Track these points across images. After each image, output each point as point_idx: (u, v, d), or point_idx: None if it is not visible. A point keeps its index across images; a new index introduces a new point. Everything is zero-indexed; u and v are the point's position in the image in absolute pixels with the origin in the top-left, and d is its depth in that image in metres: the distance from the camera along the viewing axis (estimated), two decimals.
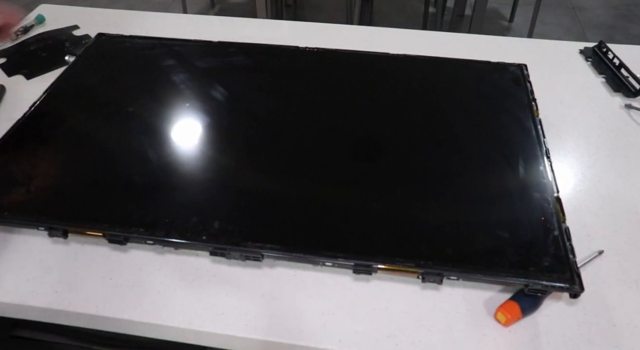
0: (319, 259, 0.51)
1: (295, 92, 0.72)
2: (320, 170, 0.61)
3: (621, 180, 0.65)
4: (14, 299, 0.51)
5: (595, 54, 0.87)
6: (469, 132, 0.66)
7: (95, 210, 0.55)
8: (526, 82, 0.74)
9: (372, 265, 0.50)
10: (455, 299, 0.52)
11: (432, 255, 0.51)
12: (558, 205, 0.56)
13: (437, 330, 0.49)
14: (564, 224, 0.54)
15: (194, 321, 0.49)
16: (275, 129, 0.66)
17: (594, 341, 0.48)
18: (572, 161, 0.68)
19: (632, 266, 0.55)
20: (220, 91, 0.71)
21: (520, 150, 0.63)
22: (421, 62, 0.78)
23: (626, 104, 0.77)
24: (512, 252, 0.52)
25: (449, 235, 0.53)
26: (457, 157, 0.63)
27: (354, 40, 0.89)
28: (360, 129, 0.66)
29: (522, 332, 0.49)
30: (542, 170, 0.60)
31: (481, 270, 0.50)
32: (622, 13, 2.55)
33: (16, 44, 0.87)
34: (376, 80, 0.74)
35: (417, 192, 0.58)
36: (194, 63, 0.76)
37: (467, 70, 0.77)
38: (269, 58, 0.78)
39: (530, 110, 0.68)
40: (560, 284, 0.49)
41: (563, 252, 0.51)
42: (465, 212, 0.56)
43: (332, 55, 0.78)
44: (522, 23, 2.42)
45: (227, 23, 0.95)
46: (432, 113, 0.70)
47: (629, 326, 0.50)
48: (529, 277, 0.49)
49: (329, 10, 2.55)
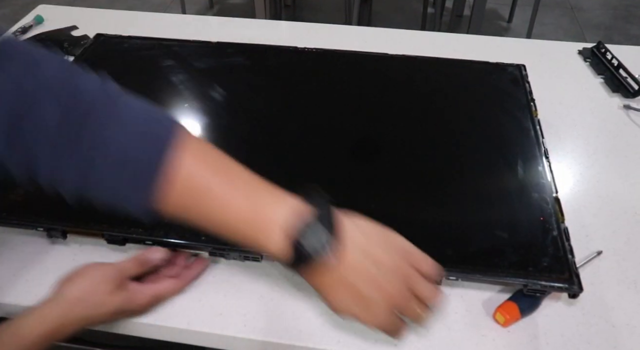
0: None
1: (294, 92, 0.72)
2: (319, 171, 0.60)
3: (620, 180, 0.65)
4: (12, 300, 0.51)
5: (593, 55, 0.87)
6: (467, 132, 0.66)
7: (93, 211, 0.55)
8: (525, 83, 0.74)
9: None
10: (454, 300, 0.52)
11: (431, 255, 0.51)
12: (557, 206, 0.56)
13: (435, 331, 0.49)
14: (563, 224, 0.54)
15: (193, 322, 0.49)
16: (274, 129, 0.66)
17: (592, 341, 0.48)
18: (570, 162, 0.68)
19: (631, 266, 0.55)
20: (219, 92, 0.71)
21: (519, 150, 0.63)
22: (420, 63, 0.78)
23: (625, 105, 0.77)
24: (511, 252, 0.52)
25: (448, 235, 0.53)
26: (455, 157, 0.63)
27: (352, 40, 0.89)
28: (358, 130, 0.66)
29: (520, 332, 0.49)
30: (541, 170, 0.60)
31: (480, 270, 0.50)
32: (621, 14, 2.55)
33: None
34: (375, 81, 0.74)
35: (415, 192, 0.58)
36: (192, 63, 0.76)
37: (466, 71, 0.77)
38: (268, 58, 0.78)
39: (529, 111, 0.69)
40: (559, 284, 0.49)
41: (562, 253, 0.51)
42: (464, 212, 0.56)
43: (331, 56, 0.78)
44: (520, 23, 2.43)
45: (226, 24, 0.95)
46: (431, 113, 0.70)
47: (628, 326, 0.50)
48: (528, 277, 0.49)
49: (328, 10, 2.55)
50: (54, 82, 0.38)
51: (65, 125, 0.37)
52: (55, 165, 0.38)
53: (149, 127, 0.40)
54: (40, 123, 0.37)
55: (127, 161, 0.38)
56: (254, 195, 0.40)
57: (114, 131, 0.38)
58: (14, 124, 0.37)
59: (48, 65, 0.39)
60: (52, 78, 0.38)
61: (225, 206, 0.39)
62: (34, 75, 0.38)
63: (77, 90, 0.39)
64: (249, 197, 0.40)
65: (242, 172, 0.41)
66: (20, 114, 0.37)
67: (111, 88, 0.41)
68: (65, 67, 0.41)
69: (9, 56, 0.38)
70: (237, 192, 0.40)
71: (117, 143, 0.38)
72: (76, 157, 0.38)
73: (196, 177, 0.39)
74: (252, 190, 0.41)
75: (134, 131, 0.39)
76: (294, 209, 0.39)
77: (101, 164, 0.38)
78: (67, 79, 0.39)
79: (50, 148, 0.37)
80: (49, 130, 0.37)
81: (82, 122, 0.38)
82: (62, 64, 0.41)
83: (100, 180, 0.39)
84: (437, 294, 0.41)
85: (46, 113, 0.37)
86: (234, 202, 0.40)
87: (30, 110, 0.37)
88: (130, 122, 0.39)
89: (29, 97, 0.37)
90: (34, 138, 0.37)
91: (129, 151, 0.38)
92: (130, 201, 0.39)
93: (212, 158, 0.42)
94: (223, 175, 0.41)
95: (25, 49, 0.40)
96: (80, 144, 0.38)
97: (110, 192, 0.40)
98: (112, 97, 0.40)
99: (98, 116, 0.38)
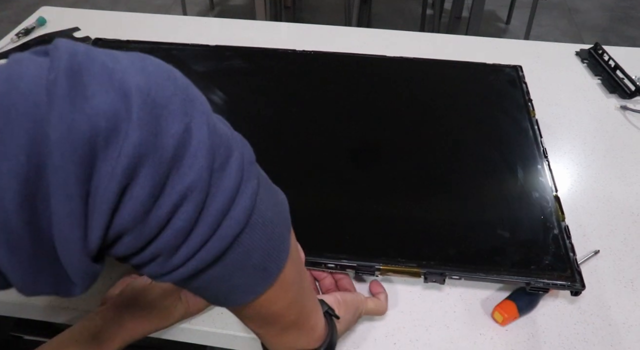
0: (322, 261, 0.51)
1: (293, 95, 0.73)
2: (320, 173, 0.61)
3: (617, 180, 0.66)
4: (13, 299, 0.51)
5: (591, 56, 0.87)
6: (467, 133, 0.67)
7: None
8: (522, 83, 0.74)
9: (375, 266, 0.50)
10: (452, 299, 0.52)
11: (434, 255, 0.51)
12: (557, 204, 0.56)
13: (435, 329, 0.50)
14: (564, 222, 0.55)
15: (194, 320, 0.50)
16: (274, 132, 0.66)
17: (590, 340, 0.49)
18: (568, 162, 0.68)
19: (628, 266, 0.56)
20: (218, 95, 0.71)
21: (518, 150, 0.63)
22: (419, 64, 0.78)
23: (622, 106, 0.77)
24: (513, 251, 0.52)
25: (450, 235, 0.54)
26: (454, 158, 0.63)
27: (352, 42, 0.90)
28: (358, 131, 0.67)
29: (518, 331, 0.50)
30: (540, 169, 0.61)
31: (483, 269, 0.50)
32: (617, 15, 2.56)
33: (17, 45, 0.88)
34: (374, 82, 0.75)
35: (416, 193, 0.59)
36: (191, 67, 0.76)
37: (464, 72, 0.77)
38: (266, 61, 0.78)
39: (526, 111, 0.69)
40: (562, 282, 0.49)
41: (563, 251, 0.52)
42: (465, 212, 0.56)
43: (330, 58, 0.79)
44: (518, 25, 2.44)
45: (227, 25, 0.96)
46: (430, 114, 0.70)
47: (625, 325, 0.50)
48: (530, 275, 0.50)
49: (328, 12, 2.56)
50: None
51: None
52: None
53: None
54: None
55: (248, 270, 0.32)
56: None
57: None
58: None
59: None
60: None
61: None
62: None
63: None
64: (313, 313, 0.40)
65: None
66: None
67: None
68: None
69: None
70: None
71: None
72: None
73: (283, 294, 0.36)
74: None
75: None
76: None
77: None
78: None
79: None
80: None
81: None
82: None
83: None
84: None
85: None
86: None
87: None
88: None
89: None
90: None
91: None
92: (222, 302, 0.34)
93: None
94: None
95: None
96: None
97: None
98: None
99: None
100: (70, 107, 0.22)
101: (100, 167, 0.23)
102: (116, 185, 0.24)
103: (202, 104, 0.28)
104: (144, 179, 0.24)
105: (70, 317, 0.51)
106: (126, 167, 0.24)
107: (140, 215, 0.25)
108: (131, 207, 0.25)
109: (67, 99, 0.22)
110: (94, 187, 0.24)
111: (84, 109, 0.22)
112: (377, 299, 0.50)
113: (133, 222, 0.25)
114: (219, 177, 0.28)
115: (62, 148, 0.22)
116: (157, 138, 0.24)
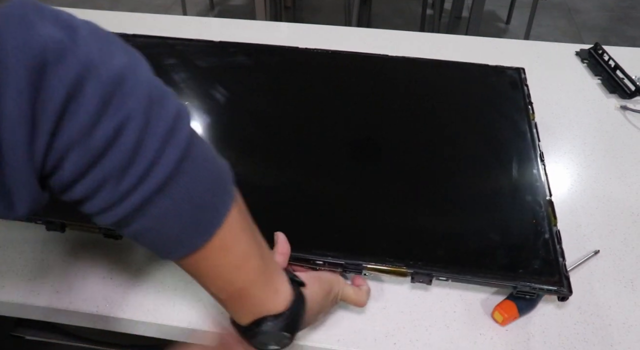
0: (309, 257, 0.50)
1: (294, 92, 0.73)
2: (315, 170, 0.61)
3: (617, 180, 0.66)
4: (13, 299, 0.51)
5: (591, 56, 0.87)
6: (464, 135, 0.66)
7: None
8: (523, 86, 0.74)
9: (362, 264, 0.50)
10: (452, 299, 0.52)
11: (422, 256, 0.51)
12: (550, 209, 0.56)
13: (434, 329, 0.50)
14: (555, 227, 0.54)
15: (194, 320, 0.50)
16: (273, 128, 0.66)
17: (589, 340, 0.49)
18: (568, 162, 0.68)
19: (627, 266, 0.56)
20: (221, 91, 0.71)
21: (514, 153, 0.63)
22: (419, 64, 0.78)
23: (622, 106, 0.77)
24: (502, 254, 0.52)
25: (440, 236, 0.54)
26: (450, 159, 0.63)
27: (352, 42, 0.90)
28: (356, 130, 0.67)
29: (518, 331, 0.50)
30: (536, 173, 0.60)
31: (470, 271, 0.50)
32: (617, 15, 2.56)
33: None
34: (373, 82, 0.75)
35: (409, 193, 0.59)
36: (195, 62, 0.77)
37: (465, 73, 0.77)
38: (270, 58, 0.78)
39: (526, 114, 0.69)
40: (549, 287, 0.49)
41: (553, 255, 0.51)
42: (457, 214, 0.56)
43: (332, 56, 0.79)
44: (518, 25, 2.44)
45: (227, 25, 0.96)
46: (428, 115, 0.70)
47: (624, 325, 0.50)
48: (517, 279, 0.49)
49: (328, 12, 2.56)
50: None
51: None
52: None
53: (220, 179, 0.37)
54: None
55: (196, 206, 0.34)
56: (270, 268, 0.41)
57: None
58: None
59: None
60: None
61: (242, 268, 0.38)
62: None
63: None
64: (265, 273, 0.40)
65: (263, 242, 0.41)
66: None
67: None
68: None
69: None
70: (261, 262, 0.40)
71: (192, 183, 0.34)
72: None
73: (236, 242, 0.37)
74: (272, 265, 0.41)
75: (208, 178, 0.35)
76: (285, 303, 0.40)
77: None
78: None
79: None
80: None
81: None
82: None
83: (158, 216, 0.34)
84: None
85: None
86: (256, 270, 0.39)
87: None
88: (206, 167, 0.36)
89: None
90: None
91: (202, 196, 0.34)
92: (176, 246, 0.35)
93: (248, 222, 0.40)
94: (253, 242, 0.40)
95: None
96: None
97: (164, 230, 0.35)
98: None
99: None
100: (27, 30, 0.27)
101: (50, 79, 0.27)
102: (63, 92, 0.27)
103: (143, 60, 0.33)
104: (90, 91, 0.28)
105: (70, 317, 0.51)
106: (73, 77, 0.28)
107: (87, 126, 0.28)
108: (76, 120, 0.28)
109: (23, 24, 0.27)
110: (43, 95, 0.27)
111: (37, 32, 0.28)
112: (357, 289, 0.49)
113: (79, 133, 0.28)
114: (158, 110, 0.31)
115: (17, 54, 0.26)
116: (102, 61, 0.29)
